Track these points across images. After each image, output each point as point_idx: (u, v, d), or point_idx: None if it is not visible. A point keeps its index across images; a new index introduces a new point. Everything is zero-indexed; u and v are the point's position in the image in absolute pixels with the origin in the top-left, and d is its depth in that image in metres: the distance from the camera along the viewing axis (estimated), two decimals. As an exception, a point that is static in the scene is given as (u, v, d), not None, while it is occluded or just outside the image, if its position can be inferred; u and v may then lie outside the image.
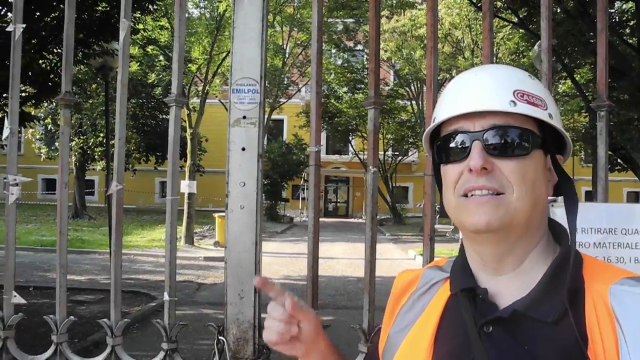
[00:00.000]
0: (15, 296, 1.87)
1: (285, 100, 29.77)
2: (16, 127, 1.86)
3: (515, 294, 0.93)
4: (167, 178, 1.71)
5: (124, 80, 1.79)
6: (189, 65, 21.36)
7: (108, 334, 1.76)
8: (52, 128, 26.28)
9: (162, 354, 1.79)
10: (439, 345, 0.97)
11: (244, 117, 1.66)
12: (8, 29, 1.75)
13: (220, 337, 1.68)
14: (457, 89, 1.01)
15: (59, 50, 8.00)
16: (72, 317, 1.84)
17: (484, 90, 0.96)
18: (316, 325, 1.06)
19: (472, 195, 0.93)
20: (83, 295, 9.42)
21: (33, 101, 7.90)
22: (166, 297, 1.72)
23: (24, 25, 1.67)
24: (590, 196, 33.99)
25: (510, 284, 0.95)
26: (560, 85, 17.36)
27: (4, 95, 7.54)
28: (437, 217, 35.46)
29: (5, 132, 1.80)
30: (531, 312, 0.90)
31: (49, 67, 7.65)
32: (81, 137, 24.93)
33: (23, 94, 8.50)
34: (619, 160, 12.38)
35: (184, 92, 1.71)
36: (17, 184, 1.80)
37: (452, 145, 0.98)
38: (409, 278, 1.15)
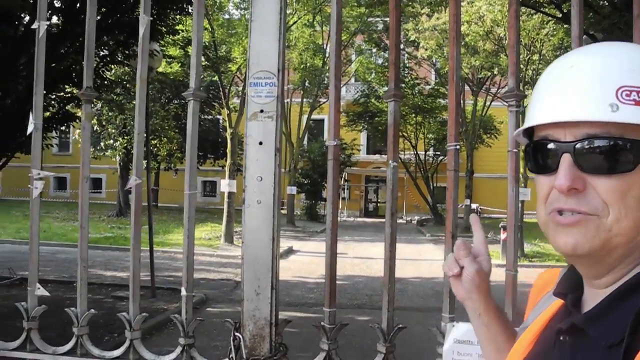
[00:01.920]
0: (39, 288, 1.90)
1: (325, 100, 29.78)
2: (40, 123, 1.89)
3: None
4: (185, 173, 1.71)
5: (143, 75, 1.79)
6: (229, 65, 21.59)
7: (127, 328, 1.77)
8: (98, 129, 26.95)
9: (179, 349, 1.79)
10: (534, 346, 0.94)
11: (261, 111, 1.64)
12: (33, 26, 1.78)
13: (236, 334, 1.66)
14: (547, 84, 0.85)
15: (102, 52, 8.20)
16: (92, 309, 1.86)
17: (577, 90, 0.79)
18: (487, 271, 1.08)
19: (560, 213, 0.82)
20: (124, 291, 9.62)
21: (76, 101, 8.10)
22: (183, 292, 1.72)
23: (48, 23, 1.69)
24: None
25: (599, 296, 0.84)
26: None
27: (51, 95, 7.78)
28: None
29: (30, 127, 1.83)
30: (589, 328, 0.80)
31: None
32: (125, 137, 25.48)
33: (67, 95, 8.74)
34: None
35: (201, 86, 1.68)
36: (41, 179, 1.83)
37: (541, 154, 0.84)
38: (547, 277, 1.11)
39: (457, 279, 1.09)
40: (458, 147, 1.57)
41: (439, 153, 34.67)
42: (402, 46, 30.27)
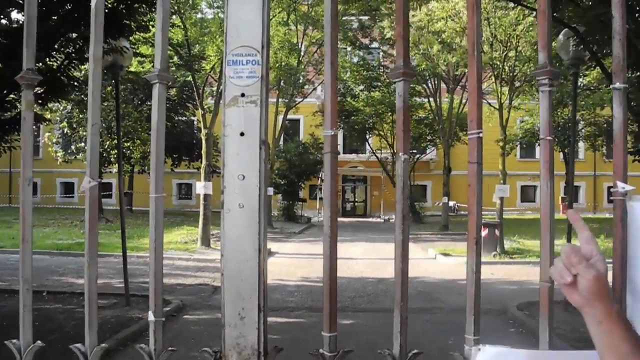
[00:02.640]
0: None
1: (301, 100, 29.53)
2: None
3: None
4: (151, 172, 1.40)
5: (97, 54, 1.48)
6: (203, 63, 21.17)
7: (83, 362, 1.45)
8: (68, 131, 26.29)
9: (146, 387, 1.48)
10: None
11: (243, 95, 1.35)
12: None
13: (217, 366, 1.37)
14: None
15: (67, 50, 7.80)
16: (39, 342, 1.53)
17: None
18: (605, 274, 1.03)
19: None
20: (98, 300, 9.21)
21: (40, 101, 7.69)
22: (151, 317, 1.41)
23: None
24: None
25: None
26: (584, 77, 16.88)
27: (12, 94, 7.36)
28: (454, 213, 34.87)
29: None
30: None
31: (55, 66, 7.43)
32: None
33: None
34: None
35: (169, 68, 1.46)
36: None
37: None
38: None
39: (572, 288, 1.02)
40: (481, 134, 1.30)
41: (415, 151, 34.67)
42: (377, 44, 30.28)
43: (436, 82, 26.71)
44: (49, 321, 7.81)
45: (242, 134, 1.31)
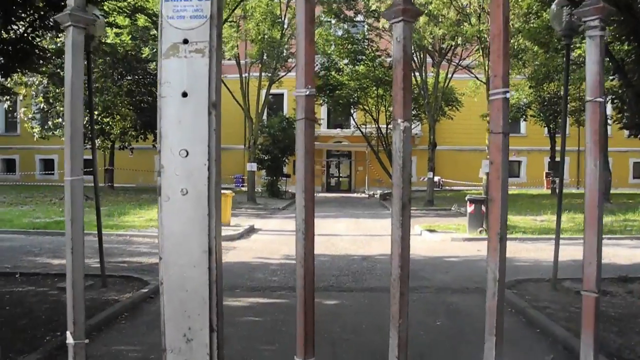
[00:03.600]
0: None
1: (284, 74, 28.93)
2: None
3: None
4: (65, 147, 1.04)
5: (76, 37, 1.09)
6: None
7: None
8: (45, 106, 25.53)
9: None
10: None
11: (185, 42, 0.99)
12: None
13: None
14: None
15: (28, 17, 7.28)
16: None
17: None
18: None
19: None
20: (71, 281, 8.83)
21: (2, 72, 7.20)
22: (70, 339, 1.06)
23: None
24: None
25: None
26: (576, 50, 16.52)
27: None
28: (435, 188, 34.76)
29: None
30: None
31: (15, 36, 6.93)
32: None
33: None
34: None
35: (85, 7, 1.14)
36: None
37: None
38: None
39: None
40: (508, 94, 0.96)
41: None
42: (362, 17, 29.67)
43: (422, 55, 26.27)
44: (19, 305, 7.43)
45: (184, 95, 0.95)
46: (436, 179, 30.80)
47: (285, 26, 26.65)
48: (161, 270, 1.02)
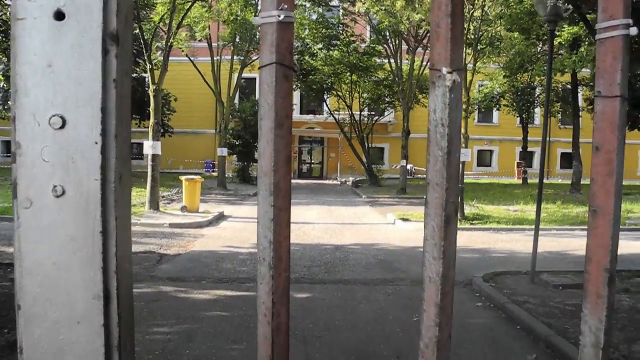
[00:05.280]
0: None
1: (256, 57, 28.25)
2: None
3: None
4: None
5: None
6: (152, 16, 19.78)
7: None
8: (4, 85, 24.43)
9: None
10: None
11: None
12: None
13: None
14: None
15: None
16: None
17: None
18: None
19: None
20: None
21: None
22: None
23: None
24: (568, 158, 33.57)
25: None
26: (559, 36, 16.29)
27: None
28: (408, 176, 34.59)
29: None
30: None
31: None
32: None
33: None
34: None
35: None
36: None
37: None
38: None
39: None
40: (634, 31, 0.55)
41: (373, 113, 34.00)
42: (337, 2, 29.10)
43: (397, 41, 25.88)
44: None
45: (59, 17, 0.53)
46: (409, 166, 30.60)
47: (259, 7, 25.95)
48: (20, 328, 0.59)
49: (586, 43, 21.25)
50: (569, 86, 28.33)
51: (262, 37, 0.65)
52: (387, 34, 25.93)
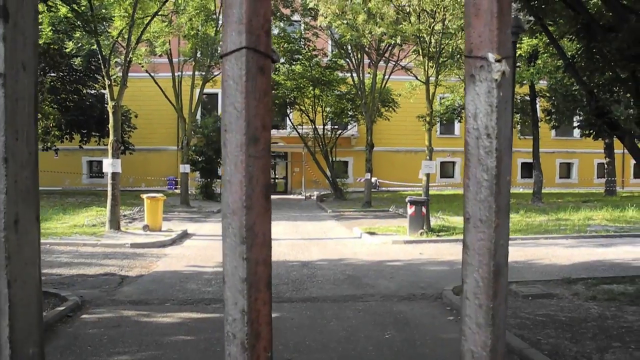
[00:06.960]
0: None
1: (218, 72, 27.94)
2: None
3: None
4: None
5: None
6: (110, 30, 19.37)
7: None
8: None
9: None
10: None
11: None
12: None
13: None
14: None
15: None
16: None
17: None
18: None
19: None
20: None
21: None
22: None
23: None
24: (529, 168, 34.18)
25: None
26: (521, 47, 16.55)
27: None
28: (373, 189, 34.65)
29: None
30: None
31: None
32: None
33: None
34: (604, 127, 11.55)
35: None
36: None
37: None
38: None
39: None
40: None
41: (337, 127, 33.99)
42: (299, 17, 29.09)
43: (359, 55, 25.98)
44: None
45: None
46: (373, 180, 30.64)
47: (220, 22, 25.72)
48: None
49: (544, 55, 21.69)
50: (527, 97, 28.87)
51: (226, 13, 0.50)
52: (349, 47, 26.01)
